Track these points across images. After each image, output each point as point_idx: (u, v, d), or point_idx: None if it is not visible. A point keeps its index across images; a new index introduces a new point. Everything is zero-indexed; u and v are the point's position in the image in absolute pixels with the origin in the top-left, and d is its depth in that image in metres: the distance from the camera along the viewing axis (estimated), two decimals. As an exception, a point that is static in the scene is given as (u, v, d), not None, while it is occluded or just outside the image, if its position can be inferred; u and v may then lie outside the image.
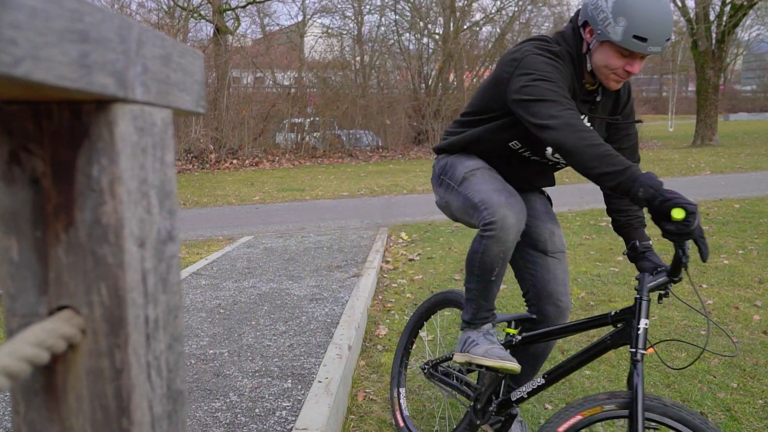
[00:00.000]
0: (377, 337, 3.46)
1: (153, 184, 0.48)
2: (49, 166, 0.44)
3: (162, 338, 0.49)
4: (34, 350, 0.40)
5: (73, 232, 0.44)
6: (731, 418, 2.46)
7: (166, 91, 0.49)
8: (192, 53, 0.55)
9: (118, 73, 0.42)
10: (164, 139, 0.50)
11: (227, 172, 14.32)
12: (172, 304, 0.51)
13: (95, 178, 0.44)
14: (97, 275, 0.44)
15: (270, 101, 17.13)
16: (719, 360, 3.02)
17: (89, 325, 0.45)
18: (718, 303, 3.86)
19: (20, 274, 0.45)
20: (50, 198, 0.44)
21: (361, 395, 2.73)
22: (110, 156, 0.43)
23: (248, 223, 7.52)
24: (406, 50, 20.31)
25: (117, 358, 0.45)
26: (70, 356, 0.45)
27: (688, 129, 26.08)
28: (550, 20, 22.86)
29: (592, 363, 3.02)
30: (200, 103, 0.57)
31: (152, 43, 0.47)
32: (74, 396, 0.45)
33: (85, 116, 0.43)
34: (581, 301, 3.97)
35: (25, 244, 0.45)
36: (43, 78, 0.34)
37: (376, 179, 11.82)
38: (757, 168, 11.77)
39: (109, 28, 0.41)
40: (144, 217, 0.47)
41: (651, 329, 3.45)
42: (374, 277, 4.43)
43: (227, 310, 3.67)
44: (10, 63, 0.31)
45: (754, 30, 26.93)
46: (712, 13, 19.76)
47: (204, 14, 18.24)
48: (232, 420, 2.24)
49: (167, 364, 0.50)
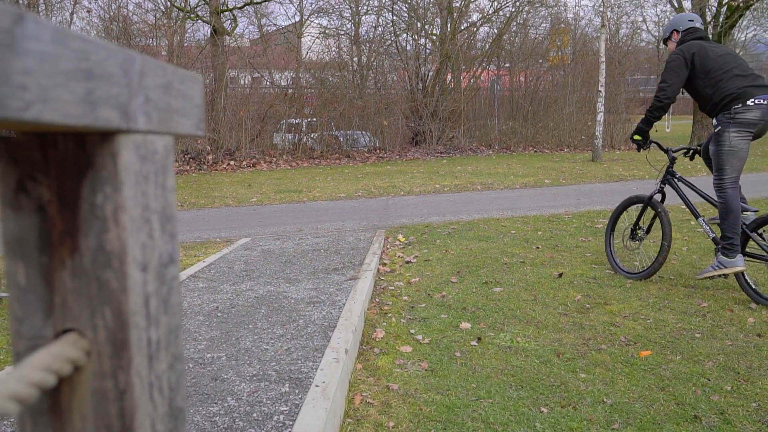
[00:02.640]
0: (374, 340, 3.47)
1: (155, 210, 0.49)
2: (55, 194, 0.45)
3: (163, 358, 0.51)
4: (41, 375, 0.41)
5: (78, 257, 0.46)
6: (725, 421, 2.48)
7: (167, 118, 0.51)
8: (192, 78, 0.56)
9: (121, 105, 0.44)
10: (165, 165, 0.51)
11: (224, 173, 14.32)
12: (173, 325, 0.53)
13: (99, 206, 0.45)
14: (101, 299, 0.46)
15: (267, 102, 17.12)
16: (713, 363, 3.04)
17: (94, 347, 0.46)
18: (713, 305, 3.89)
19: (27, 298, 0.47)
20: (56, 225, 0.46)
21: (358, 399, 2.74)
22: (114, 185, 0.45)
23: (246, 225, 7.54)
24: (404, 51, 20.32)
25: (121, 379, 0.46)
26: (75, 378, 0.47)
27: (685, 129, 26.14)
28: (547, 21, 22.91)
29: (587, 366, 3.04)
30: (200, 126, 0.59)
31: (154, 73, 0.48)
32: (79, 416, 0.47)
33: (90, 146, 0.45)
34: (577, 304, 3.99)
35: (31, 269, 0.46)
36: (51, 119, 0.35)
37: (373, 180, 11.84)
38: (753, 169, 11.81)
39: (113, 63, 0.42)
40: (146, 242, 0.48)
41: (646, 332, 3.47)
42: (371, 280, 4.45)
43: (225, 313, 3.68)
44: (21, 108, 0.33)
45: (750, 31, 26.95)
46: (709, 15, 19.83)
47: (201, 15, 18.23)
48: (230, 424, 2.26)
49: (168, 383, 0.52)
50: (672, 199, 8.22)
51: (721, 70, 3.99)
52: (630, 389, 2.79)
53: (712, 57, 4.05)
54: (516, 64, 20.95)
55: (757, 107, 3.85)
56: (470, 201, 8.96)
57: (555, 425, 2.48)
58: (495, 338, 3.46)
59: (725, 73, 3.97)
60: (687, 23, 4.32)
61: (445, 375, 2.99)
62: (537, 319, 3.75)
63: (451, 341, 3.43)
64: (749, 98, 3.86)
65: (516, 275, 4.73)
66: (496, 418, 2.55)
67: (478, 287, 4.44)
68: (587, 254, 5.34)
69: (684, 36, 4.29)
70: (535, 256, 5.35)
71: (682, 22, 4.35)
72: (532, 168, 13.43)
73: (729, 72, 3.97)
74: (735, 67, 3.99)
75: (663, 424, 2.48)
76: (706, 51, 4.08)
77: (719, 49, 4.12)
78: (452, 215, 7.74)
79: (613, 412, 2.58)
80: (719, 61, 4.02)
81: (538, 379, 2.91)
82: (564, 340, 3.40)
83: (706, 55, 4.06)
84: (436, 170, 13.52)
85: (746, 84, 3.91)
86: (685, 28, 4.31)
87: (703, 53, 4.07)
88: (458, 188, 10.41)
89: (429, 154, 17.64)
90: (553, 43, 22.22)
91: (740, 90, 3.90)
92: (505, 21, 20.55)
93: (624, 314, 3.78)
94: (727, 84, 3.95)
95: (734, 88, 3.92)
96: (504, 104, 20.75)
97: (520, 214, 7.55)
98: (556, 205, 8.17)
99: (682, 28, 4.34)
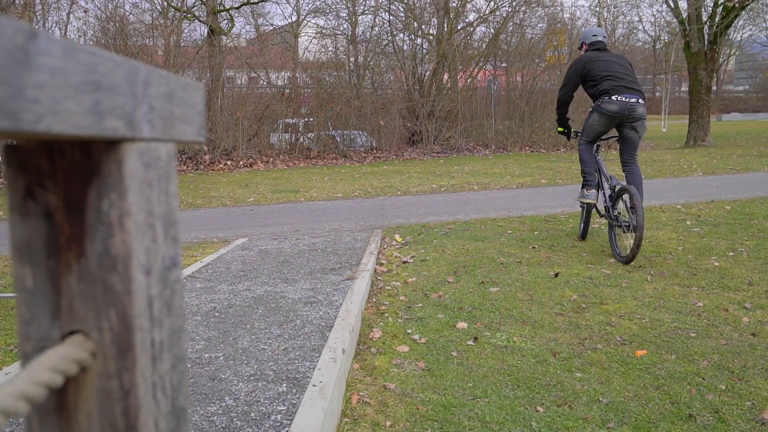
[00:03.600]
0: (371, 340, 3.49)
1: (158, 215, 0.51)
2: (62, 200, 0.47)
3: (166, 359, 0.52)
4: (50, 375, 0.43)
5: (84, 262, 0.47)
6: (719, 420, 2.50)
7: (170, 125, 0.52)
8: (193, 86, 0.58)
9: (127, 115, 0.45)
10: (168, 171, 0.53)
11: (221, 173, 14.33)
12: (176, 326, 0.54)
13: (105, 212, 0.47)
14: (106, 302, 0.47)
15: (264, 102, 17.12)
16: (708, 362, 3.06)
17: (99, 348, 0.48)
18: (708, 305, 3.91)
19: (34, 301, 0.48)
20: (63, 230, 0.47)
21: (355, 398, 2.76)
22: (119, 191, 0.46)
23: (243, 225, 7.55)
24: (400, 51, 20.34)
25: (125, 380, 0.48)
26: (81, 378, 0.48)
27: (681, 129, 26.21)
28: (544, 21, 22.95)
29: (583, 366, 3.06)
30: (201, 132, 0.60)
31: (157, 82, 0.50)
32: (85, 415, 0.48)
33: (96, 154, 0.46)
34: (573, 303, 4.01)
35: (38, 273, 0.48)
36: (61, 130, 0.37)
37: (370, 180, 11.85)
38: (749, 169, 11.85)
39: (119, 74, 0.44)
40: (150, 246, 0.50)
41: (641, 331, 3.50)
42: (368, 280, 4.47)
43: (222, 313, 3.69)
44: (33, 120, 0.34)
45: (746, 31, 27.07)
46: (705, 15, 19.88)
47: (198, 15, 18.23)
48: (227, 424, 2.27)
49: (171, 383, 0.53)
50: (669, 199, 8.27)
51: (602, 74, 5.24)
52: (625, 388, 2.81)
53: (597, 64, 5.31)
54: (512, 63, 20.99)
55: (616, 102, 5.10)
56: (467, 201, 8.98)
57: (551, 424, 2.50)
58: (491, 338, 3.48)
59: (604, 76, 5.22)
60: (592, 38, 5.61)
61: (442, 374, 3.00)
62: (533, 318, 3.77)
63: (448, 341, 3.45)
64: (614, 95, 5.11)
65: (512, 275, 4.75)
66: (492, 417, 2.57)
67: (475, 287, 4.46)
68: (583, 254, 5.36)
69: (589, 47, 5.57)
70: (531, 256, 5.37)
71: (588, 37, 5.66)
72: (528, 168, 13.46)
73: (606, 74, 5.22)
74: (612, 72, 5.22)
75: (658, 422, 2.50)
76: (594, 59, 5.35)
77: (608, 57, 5.38)
78: (449, 215, 7.76)
79: (608, 411, 2.60)
80: (603, 66, 5.27)
81: (535, 379, 2.93)
82: (560, 340, 3.42)
83: (593, 62, 5.33)
84: (432, 170, 13.54)
85: (615, 84, 5.15)
86: (590, 41, 5.60)
87: (592, 61, 5.34)
88: (455, 188, 10.43)
89: (426, 154, 17.66)
90: (550, 42, 22.26)
91: (609, 88, 5.15)
92: (501, 21, 20.59)
93: (619, 314, 3.81)
94: (602, 82, 5.20)
95: (606, 86, 5.17)
96: (501, 104, 20.80)
97: (517, 214, 7.57)
98: (553, 205, 8.19)
99: (588, 41, 5.63)
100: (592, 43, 5.55)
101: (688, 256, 5.18)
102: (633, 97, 5.10)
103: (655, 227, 6.43)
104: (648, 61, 27.37)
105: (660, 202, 8.15)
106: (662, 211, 7.41)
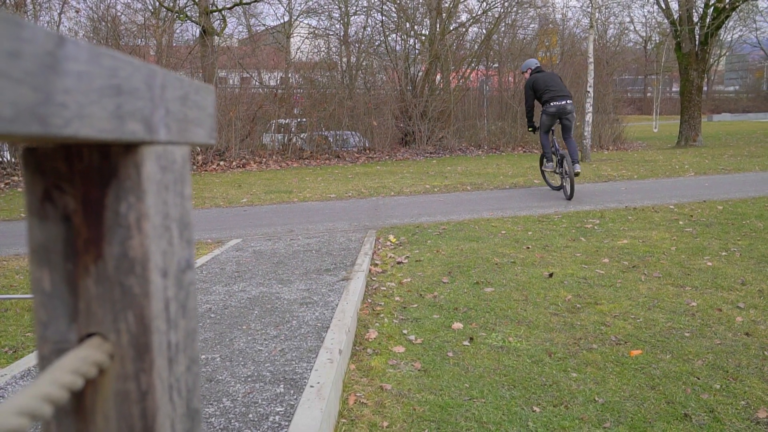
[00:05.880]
0: (367, 341, 3.49)
1: (174, 218, 0.51)
2: (80, 203, 0.47)
3: (182, 361, 0.53)
4: (71, 377, 0.43)
5: (102, 264, 0.48)
6: (714, 419, 2.52)
7: (184, 128, 0.53)
8: (205, 89, 0.58)
9: (145, 118, 0.45)
10: (183, 174, 0.53)
11: (214, 173, 14.29)
12: (190, 328, 0.54)
13: (123, 214, 0.47)
14: (124, 304, 0.48)
15: (257, 102, 17.09)
16: (703, 361, 3.08)
17: (117, 351, 0.48)
18: (702, 305, 3.94)
19: (52, 303, 0.48)
20: (81, 233, 0.47)
21: (352, 399, 2.76)
22: (137, 194, 0.47)
23: (236, 226, 7.53)
24: (393, 51, 20.34)
25: (143, 382, 0.48)
26: (99, 380, 0.48)
27: (672, 129, 26.32)
28: (536, 21, 23.03)
29: (579, 366, 3.07)
30: (212, 135, 0.60)
31: (173, 86, 0.50)
32: (102, 417, 0.49)
33: (114, 157, 0.47)
34: (567, 304, 4.03)
35: (56, 276, 0.48)
36: (87, 134, 0.37)
37: (363, 181, 11.85)
38: (740, 169, 11.92)
39: (138, 78, 0.44)
40: (167, 249, 0.50)
41: (636, 331, 3.51)
42: (363, 281, 4.47)
43: (218, 314, 3.69)
44: (61, 125, 0.35)
45: (736, 31, 27.24)
46: (696, 16, 19.99)
47: (190, 15, 18.19)
48: (225, 425, 2.27)
49: (186, 384, 0.54)
50: (661, 200, 8.31)
51: (543, 88, 8.33)
52: (621, 388, 2.83)
53: (541, 82, 8.36)
54: (505, 64, 21.03)
55: (553, 106, 8.25)
56: (460, 201, 8.99)
57: (547, 424, 2.51)
58: (487, 338, 3.49)
59: (546, 89, 8.30)
60: (534, 65, 8.73)
61: (438, 375, 3.01)
62: (528, 319, 3.79)
63: (444, 341, 3.45)
64: (552, 101, 8.24)
65: (507, 275, 4.76)
66: (489, 417, 2.57)
67: (470, 287, 4.47)
68: (577, 254, 5.39)
69: (533, 72, 8.64)
70: (525, 256, 5.38)
71: (531, 65, 8.76)
72: (521, 168, 13.49)
73: (547, 89, 8.29)
74: (548, 86, 8.29)
75: (653, 422, 2.51)
76: (539, 79, 8.41)
77: (545, 76, 8.47)
78: (442, 215, 7.77)
79: (604, 410, 2.62)
80: (543, 83, 8.33)
81: (530, 379, 2.94)
82: (555, 340, 3.43)
83: (538, 82, 8.40)
84: (425, 170, 13.56)
85: (552, 95, 8.24)
86: (533, 68, 8.70)
87: (538, 81, 8.41)
88: (448, 188, 10.44)
89: (419, 154, 17.67)
90: (542, 43, 22.35)
91: (549, 98, 8.25)
92: (493, 21, 20.62)
93: (614, 314, 3.82)
94: (544, 94, 8.29)
95: (546, 97, 8.26)
96: (493, 104, 20.82)
97: (510, 215, 7.59)
98: (546, 206, 8.22)
99: (532, 67, 8.73)
100: (534, 69, 8.65)
101: (682, 256, 5.21)
102: (563, 101, 8.21)
103: (648, 227, 6.46)
104: (639, 62, 27.52)
105: (652, 202, 8.19)
106: (655, 211, 7.45)
